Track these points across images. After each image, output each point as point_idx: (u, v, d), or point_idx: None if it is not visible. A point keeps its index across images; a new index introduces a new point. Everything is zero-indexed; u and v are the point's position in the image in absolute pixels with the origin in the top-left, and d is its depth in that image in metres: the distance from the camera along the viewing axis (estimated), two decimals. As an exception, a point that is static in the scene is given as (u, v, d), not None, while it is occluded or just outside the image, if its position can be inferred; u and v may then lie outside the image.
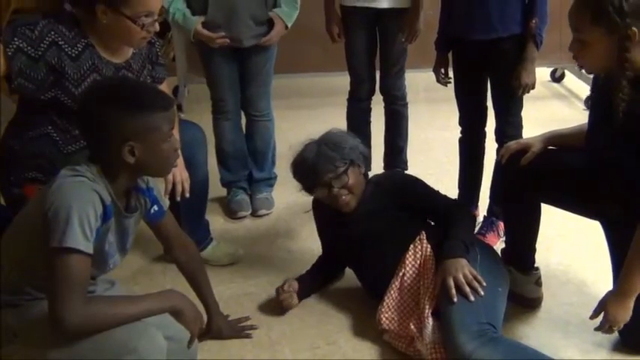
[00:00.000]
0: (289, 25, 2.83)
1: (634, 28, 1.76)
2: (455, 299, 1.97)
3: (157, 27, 2.04)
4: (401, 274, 2.19)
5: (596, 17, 1.78)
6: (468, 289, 1.99)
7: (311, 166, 2.28)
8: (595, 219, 2.16)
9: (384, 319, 2.14)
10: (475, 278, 2.01)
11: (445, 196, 2.36)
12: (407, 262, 2.19)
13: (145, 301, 1.64)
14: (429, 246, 2.21)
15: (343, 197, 2.29)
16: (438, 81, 2.79)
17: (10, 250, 1.68)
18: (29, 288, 1.66)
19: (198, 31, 2.73)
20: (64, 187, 1.55)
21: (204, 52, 2.86)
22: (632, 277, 1.91)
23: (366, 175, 2.41)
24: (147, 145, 1.61)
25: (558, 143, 2.19)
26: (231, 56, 2.84)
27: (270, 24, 2.80)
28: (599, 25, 1.79)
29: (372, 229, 2.27)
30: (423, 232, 2.24)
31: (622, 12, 1.74)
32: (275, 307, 2.35)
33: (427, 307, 2.06)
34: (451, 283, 1.99)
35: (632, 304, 1.94)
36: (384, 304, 2.16)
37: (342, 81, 3.27)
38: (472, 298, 1.97)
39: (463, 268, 2.03)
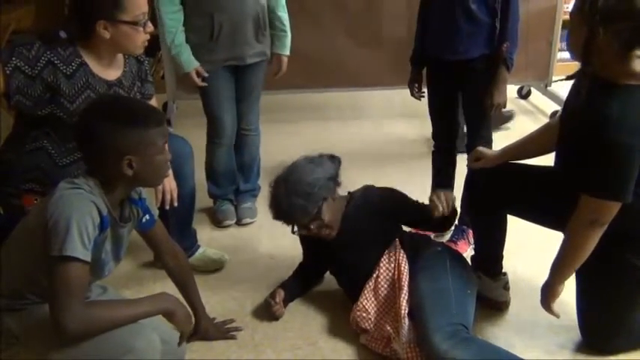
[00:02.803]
0: (288, 54, 2.95)
1: (600, 29, 1.81)
2: None
3: (151, 26, 2.11)
4: (375, 275, 2.24)
5: (580, 5, 1.87)
6: None
7: (286, 214, 2.26)
8: (558, 230, 2.18)
9: (358, 319, 2.20)
10: None
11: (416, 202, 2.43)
12: (381, 264, 2.25)
13: (140, 304, 1.70)
14: (402, 251, 2.27)
15: (323, 231, 2.30)
16: (413, 95, 2.82)
17: (12, 259, 1.73)
18: (29, 294, 1.72)
19: (191, 76, 2.76)
20: (63, 199, 1.60)
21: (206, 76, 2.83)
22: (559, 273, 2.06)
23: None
24: (144, 158, 1.69)
25: (513, 156, 2.28)
26: (231, 75, 2.86)
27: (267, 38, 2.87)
28: (577, 14, 1.89)
29: (352, 239, 2.31)
30: (397, 240, 2.31)
31: (594, 7, 1.81)
32: (259, 311, 2.41)
33: (403, 307, 2.11)
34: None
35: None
36: (359, 304, 2.21)
37: (316, 98, 3.32)
38: None
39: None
